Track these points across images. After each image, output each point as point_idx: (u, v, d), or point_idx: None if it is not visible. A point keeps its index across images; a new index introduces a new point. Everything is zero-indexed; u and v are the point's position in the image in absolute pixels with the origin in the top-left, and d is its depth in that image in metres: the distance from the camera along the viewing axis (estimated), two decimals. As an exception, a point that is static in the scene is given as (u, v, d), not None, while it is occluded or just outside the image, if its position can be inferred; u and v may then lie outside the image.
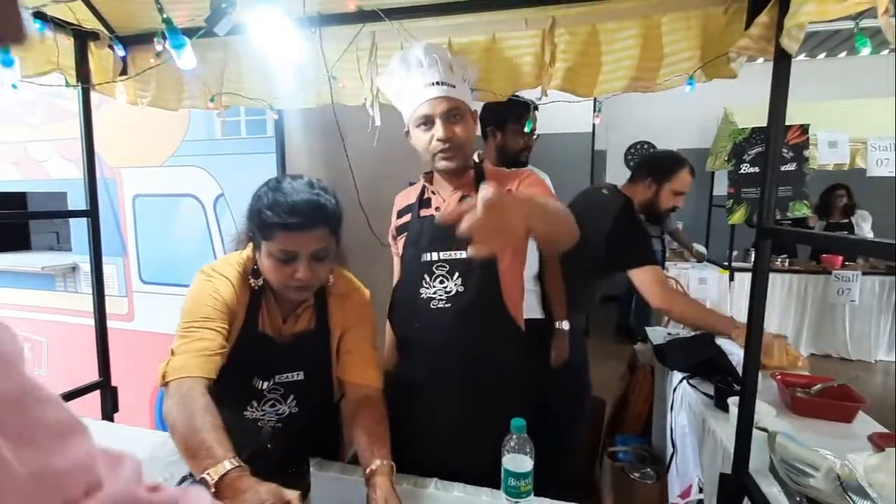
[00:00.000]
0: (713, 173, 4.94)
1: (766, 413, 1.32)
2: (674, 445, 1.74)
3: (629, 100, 3.83)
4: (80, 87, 1.49)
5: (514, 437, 0.88)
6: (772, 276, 4.07)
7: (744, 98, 3.82)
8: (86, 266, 2.14)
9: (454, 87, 1.07)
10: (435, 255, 1.10)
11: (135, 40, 1.52)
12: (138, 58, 1.53)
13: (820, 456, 1.03)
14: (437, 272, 1.10)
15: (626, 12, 1.20)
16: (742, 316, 3.23)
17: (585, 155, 4.98)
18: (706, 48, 1.16)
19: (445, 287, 1.09)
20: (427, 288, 1.10)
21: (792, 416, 1.41)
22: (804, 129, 3.91)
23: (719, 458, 1.29)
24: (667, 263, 4.38)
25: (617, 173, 6.15)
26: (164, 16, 1.15)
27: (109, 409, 1.59)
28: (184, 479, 0.92)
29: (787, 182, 4.13)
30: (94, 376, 1.61)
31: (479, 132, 1.33)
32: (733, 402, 1.36)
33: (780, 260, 4.41)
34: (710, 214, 5.10)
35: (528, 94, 1.54)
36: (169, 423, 0.80)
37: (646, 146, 6.11)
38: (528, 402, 1.15)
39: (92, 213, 1.53)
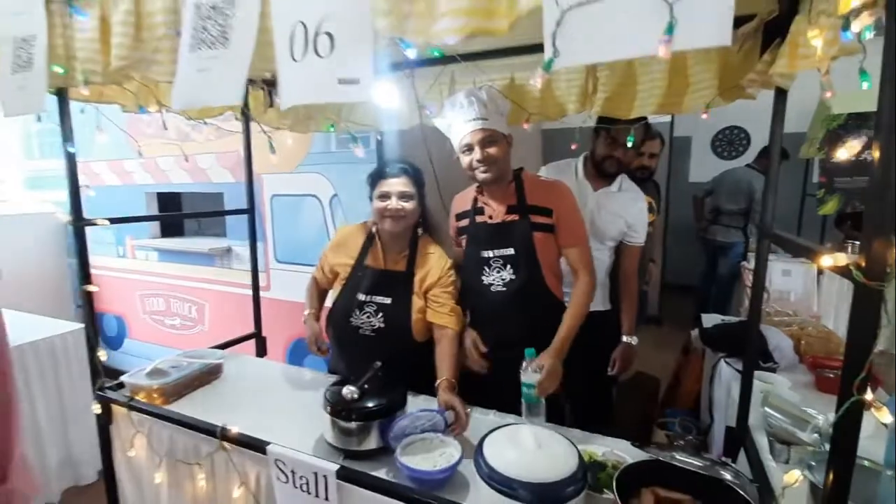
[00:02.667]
0: (808, 161, 4.68)
1: (780, 384, 1.53)
2: (711, 416, 1.97)
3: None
4: (243, 118, 2.06)
5: (528, 360, 1.30)
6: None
7: (845, 81, 3.63)
8: (237, 248, 2.81)
9: (487, 119, 1.40)
10: (491, 252, 1.48)
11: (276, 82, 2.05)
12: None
13: (808, 414, 1.26)
14: (494, 264, 1.48)
15: (657, 50, 1.46)
16: (829, 313, 3.22)
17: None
18: (725, 77, 1.39)
19: (501, 275, 1.47)
20: (487, 276, 1.49)
21: (816, 393, 1.60)
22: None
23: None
24: (750, 254, 4.29)
25: (701, 160, 5.97)
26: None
27: (261, 352, 2.18)
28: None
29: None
30: (241, 330, 2.21)
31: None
32: (757, 374, 1.58)
33: None
34: (804, 204, 4.84)
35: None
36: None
37: (735, 131, 5.87)
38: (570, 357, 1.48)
39: (250, 211, 2.11)
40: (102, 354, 1.54)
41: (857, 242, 2.40)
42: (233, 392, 1.64)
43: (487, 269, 1.49)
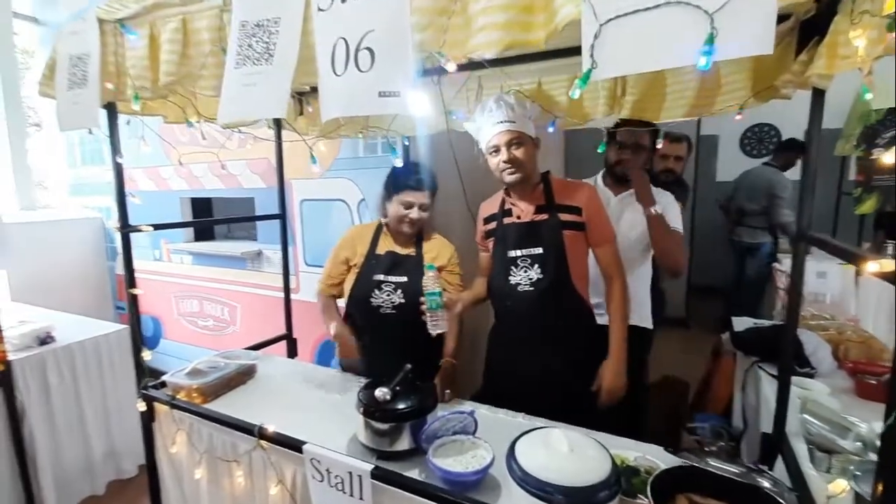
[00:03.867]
0: (844, 158, 4.52)
1: (818, 390, 1.50)
2: (745, 422, 1.94)
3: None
4: (275, 126, 2.12)
5: (427, 272, 1.44)
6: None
7: (884, 76, 3.50)
8: (268, 252, 2.89)
9: (514, 122, 1.42)
10: (519, 252, 1.50)
11: (306, 91, 2.11)
12: (312, 103, 2.12)
13: (849, 422, 1.23)
14: (521, 264, 1.49)
15: (688, 51, 1.45)
16: (868, 316, 3.10)
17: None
18: (758, 79, 1.37)
19: (528, 275, 1.48)
20: (514, 276, 1.50)
21: (856, 399, 1.55)
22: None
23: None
24: (781, 255, 4.17)
25: (729, 158, 5.83)
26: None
27: (292, 353, 2.24)
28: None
29: (931, 169, 3.72)
30: (272, 331, 2.27)
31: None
32: (794, 380, 1.55)
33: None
34: (839, 202, 4.68)
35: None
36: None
37: (765, 128, 5.71)
38: (596, 355, 1.50)
39: (282, 217, 2.17)
40: (146, 355, 1.62)
41: None
42: (267, 392, 1.69)
43: (514, 269, 1.50)
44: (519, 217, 1.53)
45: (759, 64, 1.37)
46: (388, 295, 1.65)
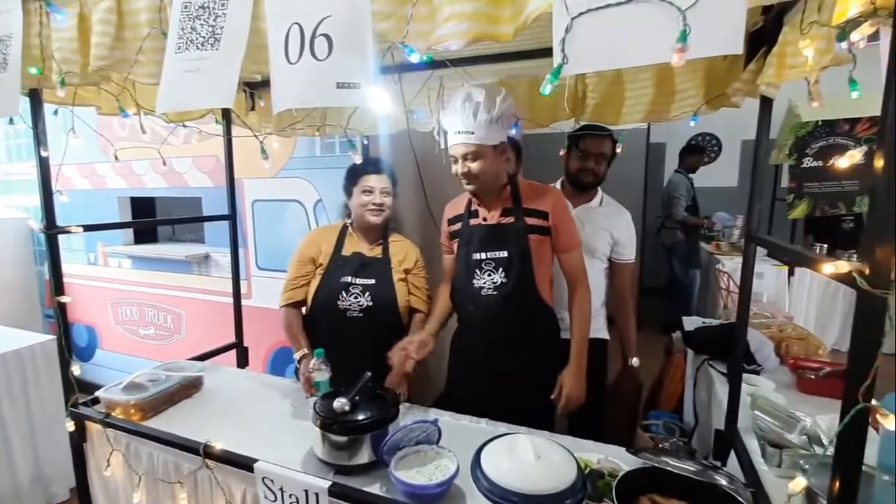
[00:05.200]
0: (778, 166, 4.85)
1: (765, 386, 1.56)
2: (696, 418, 2.00)
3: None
4: (224, 121, 2.00)
5: (317, 359, 1.43)
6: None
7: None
8: (216, 255, 2.73)
9: (473, 132, 1.33)
10: (483, 255, 1.47)
11: (258, 85, 2.00)
12: (265, 96, 2.01)
13: (795, 416, 1.29)
14: (486, 267, 1.47)
15: (644, 58, 1.48)
16: (801, 313, 3.31)
17: (640, 148, 5.05)
18: (710, 86, 1.42)
19: (492, 279, 1.45)
20: (478, 279, 1.48)
21: (798, 394, 1.63)
22: (875, 121, 3.80)
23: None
24: (722, 258, 4.41)
25: (675, 165, 6.11)
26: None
27: (243, 362, 2.12)
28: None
29: (855, 176, 4.04)
30: (221, 340, 2.14)
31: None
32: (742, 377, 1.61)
33: (846, 256, 4.28)
34: (774, 208, 5.01)
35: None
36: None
37: (707, 138, 6.04)
38: (559, 363, 1.48)
39: (232, 218, 2.05)
40: (75, 368, 1.46)
41: (825, 245, 2.50)
42: (214, 406, 1.58)
43: (479, 273, 1.48)
44: (485, 219, 1.51)
45: (711, 72, 1.41)
46: (356, 298, 1.59)
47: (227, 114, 1.98)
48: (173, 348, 2.98)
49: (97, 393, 1.49)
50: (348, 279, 1.60)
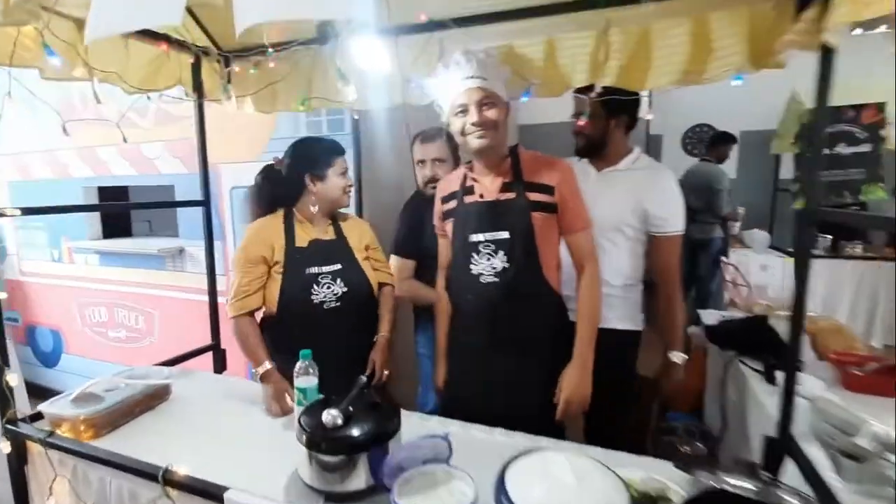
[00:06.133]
0: (778, 156, 4.73)
1: (815, 387, 1.39)
2: (725, 420, 1.83)
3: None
4: (195, 96, 1.77)
5: (302, 362, 1.20)
6: (842, 263, 3.88)
7: (812, 76, 3.63)
8: (191, 249, 2.49)
9: (486, 79, 1.21)
10: (481, 236, 1.28)
11: (236, 55, 1.78)
12: (240, 70, 1.79)
13: (860, 419, 1.11)
14: (484, 250, 1.27)
15: (677, 11, 1.29)
16: (817, 307, 3.13)
17: (639, 140, 4.90)
18: (753, 42, 1.23)
19: (492, 263, 1.26)
20: (476, 265, 1.28)
21: (845, 393, 1.46)
22: (880, 107, 3.69)
23: (769, 428, 1.38)
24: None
25: (673, 157, 5.98)
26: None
27: (220, 366, 1.89)
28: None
29: (861, 164, 3.93)
30: (198, 341, 1.91)
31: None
32: (780, 376, 1.44)
33: (850, 247, 4.17)
34: (776, 199, 4.89)
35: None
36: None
37: (705, 129, 5.91)
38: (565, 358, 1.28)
39: (206, 204, 1.82)
40: (12, 379, 1.23)
41: (830, 237, 2.27)
42: (183, 419, 1.36)
43: (476, 257, 1.28)
44: (482, 196, 1.31)
45: (755, 26, 1.23)
46: (329, 287, 1.46)
47: (199, 85, 1.75)
48: (146, 351, 2.74)
49: (40, 406, 1.26)
50: (315, 269, 1.45)
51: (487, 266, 1.27)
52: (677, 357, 1.53)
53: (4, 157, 2.97)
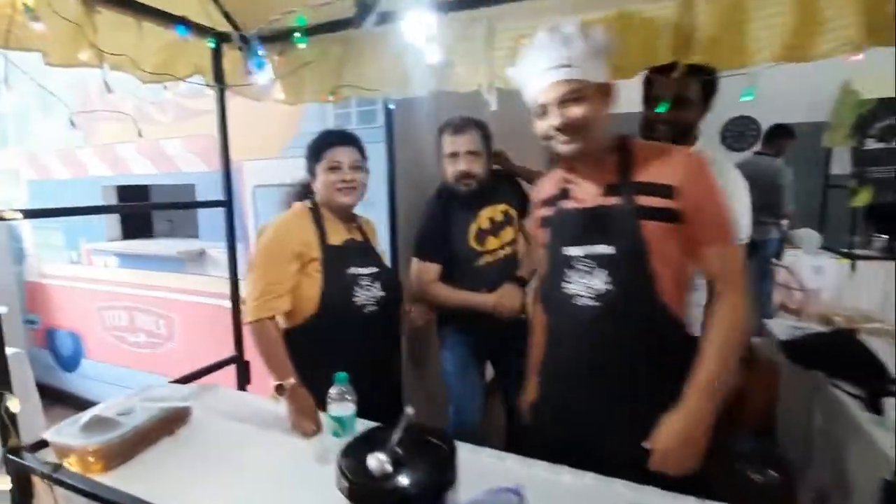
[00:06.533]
0: (830, 150, 4.40)
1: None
2: (810, 449, 1.61)
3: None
4: (216, 88, 1.61)
5: (337, 387, 1.10)
6: (906, 264, 3.56)
7: (866, 65, 3.33)
8: (211, 251, 2.36)
9: (571, 66, 0.95)
10: (577, 250, 1.05)
11: (258, 41, 1.62)
12: (264, 57, 1.63)
13: None
14: (580, 267, 1.04)
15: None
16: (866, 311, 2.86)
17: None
18: (873, 10, 1.01)
19: (589, 283, 1.02)
20: (570, 283, 1.05)
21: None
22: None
23: (880, 464, 1.17)
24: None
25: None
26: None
27: (243, 381, 1.74)
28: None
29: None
30: (219, 347, 1.77)
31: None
32: (891, 404, 1.22)
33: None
34: (826, 195, 4.56)
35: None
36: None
37: (746, 121, 5.59)
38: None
39: (228, 203, 1.67)
40: (14, 404, 1.09)
41: (886, 237, 1.95)
42: (204, 447, 1.20)
43: (571, 274, 1.05)
44: (580, 201, 1.08)
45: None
46: (369, 290, 1.37)
47: (220, 76, 1.60)
48: (166, 357, 2.62)
49: (45, 434, 1.12)
50: (355, 270, 1.36)
51: (584, 286, 1.03)
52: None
53: (24, 154, 2.89)
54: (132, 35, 1.32)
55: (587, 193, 1.07)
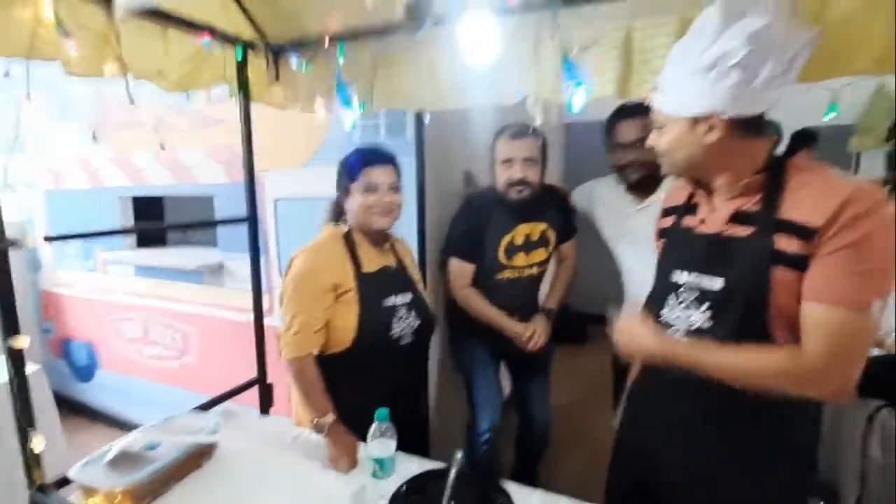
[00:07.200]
0: (859, 154, 4.27)
1: None
2: (864, 482, 1.51)
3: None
4: (241, 97, 1.54)
5: (378, 425, 1.03)
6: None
7: None
8: (230, 263, 2.29)
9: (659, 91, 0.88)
10: (684, 276, 0.90)
11: (286, 49, 1.55)
12: (289, 66, 1.56)
13: None
14: (684, 297, 0.90)
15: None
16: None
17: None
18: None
19: (689, 316, 0.88)
20: (670, 311, 0.92)
21: None
22: None
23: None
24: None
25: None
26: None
27: (266, 404, 1.67)
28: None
29: (963, 164, 3.48)
30: (237, 362, 1.71)
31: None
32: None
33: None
34: (852, 202, 4.43)
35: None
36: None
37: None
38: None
39: (251, 220, 1.60)
40: (38, 441, 1.02)
41: None
42: (234, 482, 1.14)
43: (672, 301, 0.92)
44: (703, 221, 0.93)
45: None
46: (405, 320, 1.31)
47: (245, 84, 1.53)
48: (183, 371, 2.56)
49: (70, 472, 1.05)
50: (392, 301, 1.29)
51: (682, 317, 0.90)
52: None
53: (41, 165, 2.84)
54: (157, 44, 1.25)
55: (714, 216, 0.90)
